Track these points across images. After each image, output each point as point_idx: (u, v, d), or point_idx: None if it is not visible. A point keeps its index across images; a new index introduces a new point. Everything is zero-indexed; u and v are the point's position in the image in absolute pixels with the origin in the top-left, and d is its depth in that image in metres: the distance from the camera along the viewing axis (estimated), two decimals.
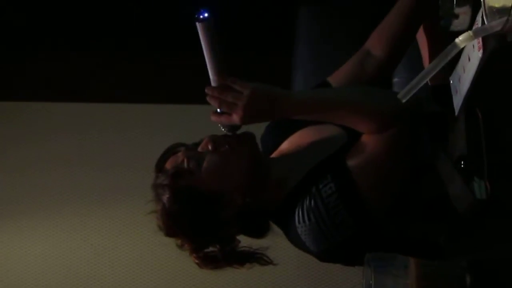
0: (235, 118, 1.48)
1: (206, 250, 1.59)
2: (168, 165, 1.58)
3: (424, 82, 1.27)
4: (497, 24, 1.24)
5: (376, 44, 1.72)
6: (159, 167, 1.60)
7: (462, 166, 1.43)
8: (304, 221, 1.50)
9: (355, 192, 1.49)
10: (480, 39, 1.37)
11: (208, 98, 1.51)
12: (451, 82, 1.55)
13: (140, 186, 1.67)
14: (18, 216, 3.00)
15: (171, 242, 1.62)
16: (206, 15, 1.45)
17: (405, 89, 1.25)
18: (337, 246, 1.51)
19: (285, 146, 1.68)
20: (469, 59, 1.46)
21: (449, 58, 1.22)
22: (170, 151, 1.61)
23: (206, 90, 1.51)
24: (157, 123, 3.11)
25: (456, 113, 1.50)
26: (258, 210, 1.57)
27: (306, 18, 2.63)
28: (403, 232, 1.54)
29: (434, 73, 1.25)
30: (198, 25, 1.45)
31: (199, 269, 1.62)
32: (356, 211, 1.49)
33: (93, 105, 3.21)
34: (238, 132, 1.57)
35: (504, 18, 1.21)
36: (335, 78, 1.74)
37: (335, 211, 1.48)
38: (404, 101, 1.24)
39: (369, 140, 1.51)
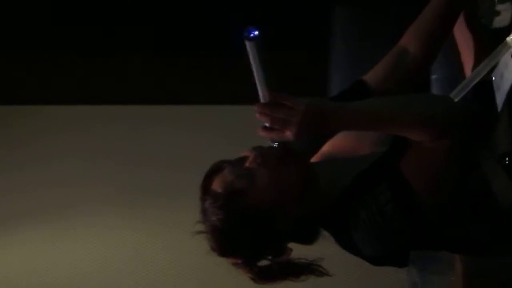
0: (288, 135, 1.44)
1: (260, 264, 1.56)
2: (216, 186, 1.55)
3: (476, 81, 1.26)
4: None
5: (411, 40, 1.70)
6: (205, 188, 1.57)
7: (506, 162, 1.42)
8: (361, 229, 1.50)
9: (412, 201, 1.49)
10: None
11: (258, 115, 1.47)
12: (493, 78, 1.54)
13: (181, 186, 1.66)
14: (60, 216, 3.02)
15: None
16: (256, 33, 1.45)
17: (457, 89, 1.25)
18: (393, 252, 1.51)
19: (327, 148, 1.67)
20: (511, 56, 1.45)
21: (499, 57, 1.22)
22: (215, 170, 1.57)
23: (256, 107, 1.47)
24: (193, 123, 3.12)
25: (499, 110, 1.49)
26: (310, 218, 1.57)
27: (341, 18, 2.63)
28: (450, 231, 1.53)
29: (485, 72, 1.25)
30: (247, 43, 1.45)
31: (235, 275, 1.60)
32: (413, 219, 1.49)
33: (125, 107, 3.25)
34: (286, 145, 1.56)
35: None
36: (372, 76, 1.73)
37: (393, 219, 1.48)
38: (456, 100, 1.23)
39: (423, 148, 1.50)
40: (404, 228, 1.49)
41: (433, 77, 2.41)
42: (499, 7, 1.52)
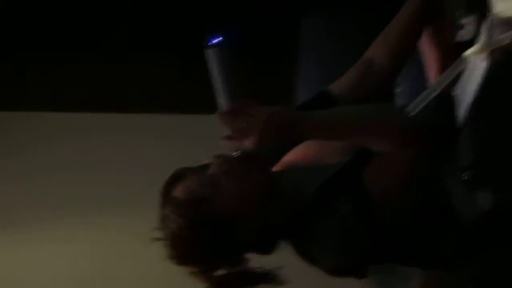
0: (250, 144, 1.44)
1: (218, 273, 1.55)
2: (178, 193, 1.53)
3: (433, 95, 1.26)
4: (505, 37, 1.23)
5: (378, 52, 1.70)
6: (167, 195, 1.55)
7: (465, 177, 1.42)
8: (320, 239, 1.49)
9: (374, 211, 1.48)
10: None
11: (221, 124, 1.47)
12: (456, 93, 1.54)
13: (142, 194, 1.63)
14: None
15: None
16: (215, 41, 1.43)
17: (415, 101, 1.24)
18: (353, 263, 1.50)
19: (289, 158, 1.66)
20: (474, 70, 1.45)
21: (457, 71, 1.22)
22: (177, 177, 1.55)
23: (217, 116, 1.47)
24: (162, 132, 3.12)
25: (460, 124, 1.49)
26: (271, 229, 1.55)
27: (310, 27, 2.62)
28: (411, 244, 1.52)
29: (442, 86, 1.24)
30: (206, 51, 1.43)
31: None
32: (375, 229, 1.48)
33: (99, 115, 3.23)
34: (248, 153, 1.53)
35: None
36: (338, 87, 1.72)
37: (354, 229, 1.47)
38: (412, 114, 1.23)
39: (386, 158, 1.50)
40: (364, 240, 1.48)
41: (398, 90, 2.41)
42: (462, 20, 1.53)
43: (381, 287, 1.39)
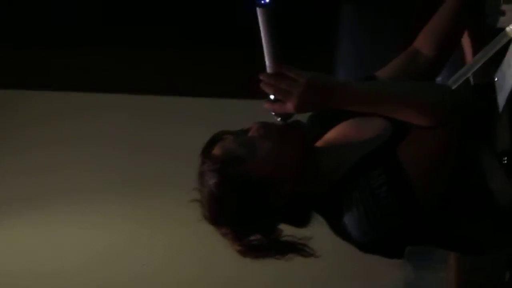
0: (289, 107, 1.46)
1: (249, 238, 1.56)
2: (217, 151, 1.55)
3: (474, 70, 1.26)
4: None
5: (425, 43, 1.72)
6: (206, 153, 1.57)
7: (505, 161, 1.43)
8: (352, 211, 1.50)
9: (406, 185, 1.48)
10: None
11: (262, 85, 1.49)
12: (496, 79, 1.55)
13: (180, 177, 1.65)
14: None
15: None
16: (267, 0, 1.46)
17: (454, 76, 1.25)
18: (383, 238, 1.51)
19: (330, 135, 1.66)
20: None
21: (498, 47, 1.22)
22: (217, 138, 1.58)
23: (260, 77, 1.49)
24: (197, 116, 3.14)
25: (500, 110, 1.50)
26: (305, 199, 1.57)
27: (349, 14, 2.63)
28: (446, 227, 1.53)
29: (483, 61, 1.25)
30: (258, 10, 1.46)
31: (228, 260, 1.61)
32: (406, 204, 1.48)
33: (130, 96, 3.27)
34: (289, 121, 1.55)
35: None
36: (383, 74, 1.74)
37: (385, 202, 1.48)
38: (454, 87, 1.23)
39: (422, 134, 1.50)
40: (396, 213, 1.48)
41: (438, 79, 2.42)
42: (504, 7, 1.53)
43: (419, 270, 1.40)
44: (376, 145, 1.56)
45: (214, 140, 1.58)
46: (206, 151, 1.57)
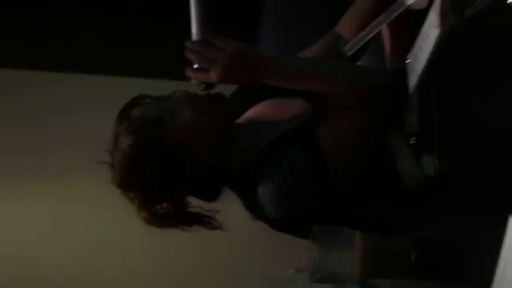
0: (213, 76, 1.44)
1: (157, 206, 1.53)
2: (136, 113, 1.52)
3: (370, 36, 1.27)
4: None
5: (348, 29, 1.72)
6: (124, 115, 1.53)
7: (412, 142, 1.43)
8: (268, 187, 1.47)
9: (323, 163, 1.48)
10: (438, 17, 1.37)
11: (187, 53, 1.46)
12: (408, 61, 1.55)
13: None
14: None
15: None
16: None
17: (350, 43, 1.25)
18: (296, 215, 1.50)
19: (250, 114, 1.64)
20: (427, 38, 1.46)
21: (395, 14, 1.23)
22: (137, 101, 1.55)
23: (186, 44, 1.46)
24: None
25: (411, 90, 1.50)
26: (219, 173, 1.55)
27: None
28: (357, 207, 1.54)
29: (378, 29, 1.25)
30: None
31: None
32: (322, 181, 1.48)
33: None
34: (212, 92, 1.54)
35: None
36: (306, 55, 1.74)
37: (302, 179, 1.47)
38: (349, 54, 1.25)
39: (341, 114, 1.50)
40: (312, 190, 1.48)
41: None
42: None
43: (325, 249, 1.40)
44: (296, 124, 1.56)
45: (133, 103, 1.54)
46: (124, 113, 1.53)
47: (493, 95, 1.20)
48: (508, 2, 1.06)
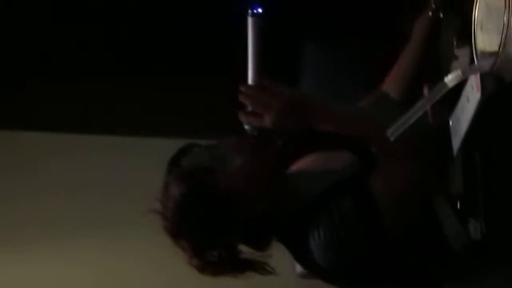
0: (267, 121, 1.45)
1: (209, 253, 1.52)
2: (185, 161, 1.51)
3: (414, 119, 1.28)
4: (486, 65, 1.25)
5: (392, 87, 1.74)
6: (174, 163, 1.52)
7: (458, 206, 1.43)
8: (319, 237, 1.45)
9: (375, 214, 1.46)
10: (478, 80, 1.38)
11: (241, 97, 1.47)
12: (451, 123, 1.55)
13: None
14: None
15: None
16: (260, 10, 1.44)
17: (394, 126, 1.26)
18: (347, 266, 1.48)
19: (300, 164, 1.65)
20: (468, 100, 1.46)
21: (438, 97, 1.24)
22: (187, 150, 1.54)
23: (241, 88, 1.47)
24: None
25: (455, 154, 1.50)
26: (269, 220, 1.55)
27: (313, 54, 2.63)
28: (404, 260, 1.53)
29: (423, 111, 1.26)
30: (249, 19, 1.43)
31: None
32: (373, 231, 1.46)
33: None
34: (263, 137, 1.53)
35: (493, 59, 1.22)
36: None
37: (353, 229, 1.45)
38: (393, 138, 1.25)
39: (391, 166, 1.50)
40: (363, 241, 1.47)
41: None
42: (457, 51, 1.54)
43: None
44: (345, 175, 1.56)
45: (183, 151, 1.54)
46: (174, 161, 1.53)
47: None
48: None
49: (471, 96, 1.45)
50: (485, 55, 1.30)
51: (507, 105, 1.34)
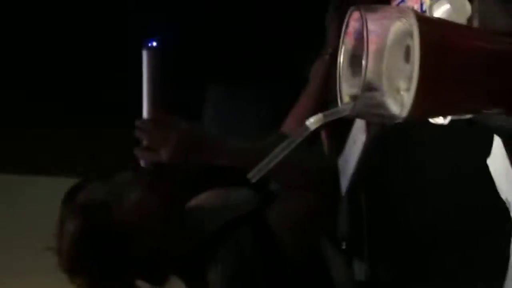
0: (164, 156, 1.43)
1: None
2: (80, 197, 1.47)
3: (274, 163, 1.30)
4: (345, 108, 1.26)
5: (291, 128, 1.75)
6: (68, 199, 1.48)
7: (343, 247, 1.44)
8: (217, 269, 1.45)
9: (272, 246, 1.46)
10: (364, 123, 1.40)
11: (137, 132, 1.46)
12: (339, 164, 1.57)
13: None
14: None
15: None
16: (154, 43, 1.44)
17: (255, 169, 1.27)
18: None
19: (196, 201, 1.66)
20: (354, 143, 1.48)
21: (300, 138, 1.26)
22: (81, 185, 1.50)
23: (136, 123, 1.46)
24: None
25: (342, 194, 1.52)
26: (166, 256, 1.53)
27: (214, 97, 2.63)
28: None
29: (283, 154, 1.29)
30: (144, 52, 1.43)
31: None
32: (272, 263, 1.46)
33: None
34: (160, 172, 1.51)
35: (352, 103, 1.24)
36: None
37: (252, 263, 1.45)
38: (254, 181, 1.28)
39: (291, 197, 1.51)
40: (262, 274, 1.46)
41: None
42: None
43: None
44: (244, 210, 1.55)
45: (78, 187, 1.50)
46: (69, 197, 1.49)
47: (418, 200, 1.22)
48: None
49: (358, 138, 1.48)
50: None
51: (391, 146, 1.36)
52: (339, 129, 1.69)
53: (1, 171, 3.19)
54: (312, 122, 0.80)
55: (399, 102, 0.70)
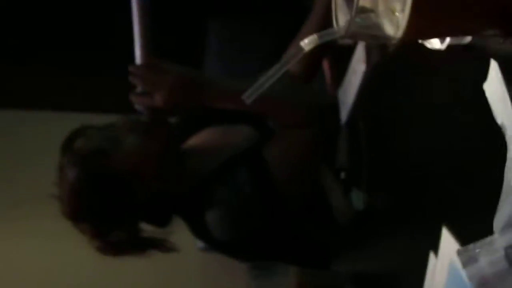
0: (158, 100, 1.44)
1: (109, 235, 1.52)
2: (79, 144, 1.50)
3: (269, 84, 1.30)
4: (340, 29, 1.25)
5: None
6: (66, 146, 1.51)
7: (342, 176, 1.45)
8: (215, 209, 1.47)
9: (270, 183, 1.48)
10: (364, 53, 1.40)
11: (131, 77, 1.46)
12: (339, 95, 1.57)
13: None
14: None
15: None
16: None
17: (250, 90, 1.27)
18: (244, 238, 1.49)
19: (195, 140, 1.65)
20: (354, 73, 1.48)
21: (293, 61, 1.25)
22: (79, 132, 1.52)
23: (130, 68, 1.46)
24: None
25: (342, 124, 1.52)
26: (167, 199, 1.54)
27: (216, 31, 2.62)
28: (300, 230, 1.54)
29: (278, 75, 1.28)
30: None
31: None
32: (269, 200, 1.48)
33: None
34: (156, 117, 1.53)
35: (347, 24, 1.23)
36: None
37: (249, 199, 1.47)
38: (249, 102, 1.27)
39: (288, 134, 1.51)
40: (259, 211, 1.48)
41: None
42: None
43: (261, 283, 1.40)
44: (242, 148, 1.56)
45: (75, 134, 1.52)
46: (67, 145, 1.51)
47: (416, 129, 1.22)
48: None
49: (357, 68, 1.47)
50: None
51: (390, 76, 1.35)
52: (340, 60, 1.68)
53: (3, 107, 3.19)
54: (307, 43, 0.79)
55: (394, 23, 0.70)
